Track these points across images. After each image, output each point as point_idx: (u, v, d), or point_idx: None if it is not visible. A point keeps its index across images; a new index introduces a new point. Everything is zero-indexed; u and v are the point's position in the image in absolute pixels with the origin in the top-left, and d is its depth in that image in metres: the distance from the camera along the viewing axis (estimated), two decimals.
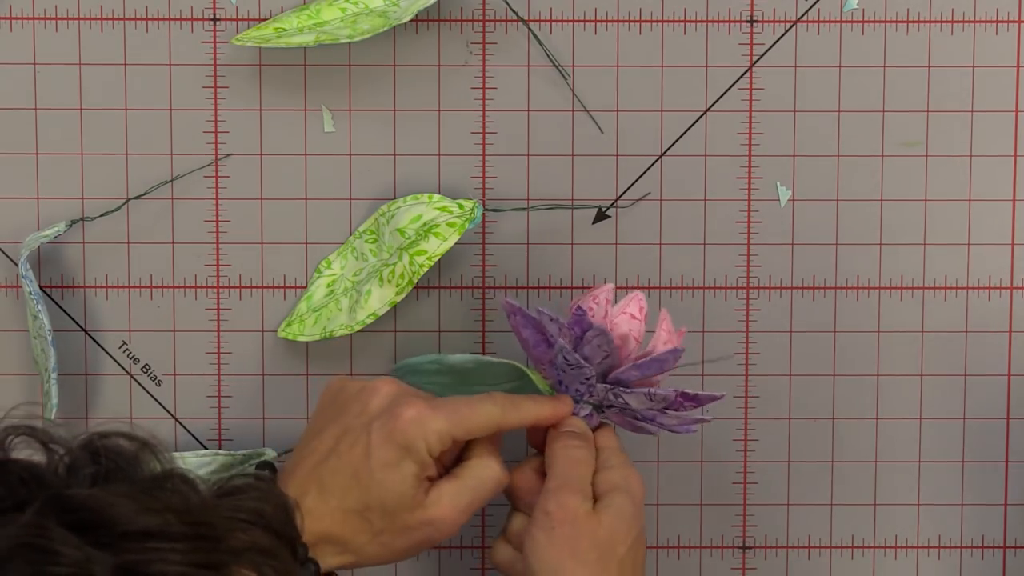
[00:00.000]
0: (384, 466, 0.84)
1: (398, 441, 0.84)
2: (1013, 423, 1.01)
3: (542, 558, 0.84)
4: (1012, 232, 1.00)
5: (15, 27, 0.98)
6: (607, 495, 0.86)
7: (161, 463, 0.69)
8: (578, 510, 0.85)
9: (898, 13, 0.98)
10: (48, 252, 0.99)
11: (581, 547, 0.84)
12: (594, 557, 0.84)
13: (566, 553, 0.84)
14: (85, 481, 0.67)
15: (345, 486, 0.84)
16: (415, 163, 0.99)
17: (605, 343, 0.87)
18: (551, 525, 0.85)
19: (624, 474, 0.88)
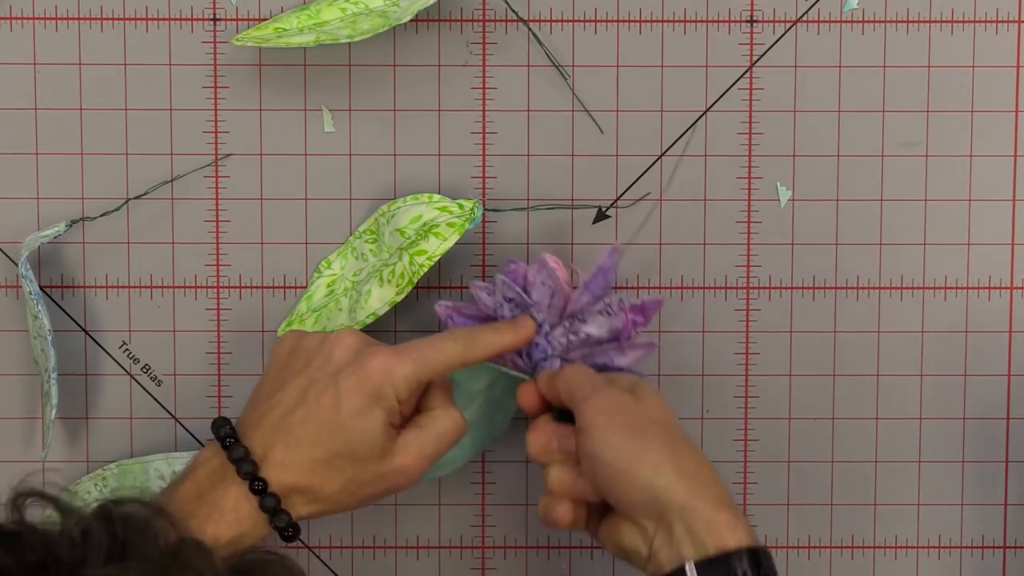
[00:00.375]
0: (354, 414, 0.85)
1: (367, 389, 0.85)
2: (1013, 423, 1.01)
3: (614, 450, 0.85)
4: (1012, 232, 1.00)
5: (15, 27, 0.98)
6: (634, 389, 0.89)
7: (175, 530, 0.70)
8: (624, 398, 0.87)
9: (898, 13, 0.98)
10: (48, 252, 0.99)
11: (644, 426, 0.85)
12: (658, 432, 0.85)
13: (635, 434, 0.85)
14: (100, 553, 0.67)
15: (314, 436, 0.85)
16: (415, 163, 0.99)
17: (548, 277, 0.91)
18: (607, 421, 0.85)
19: (625, 378, 0.90)
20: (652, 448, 0.84)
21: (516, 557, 1.01)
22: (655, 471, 0.84)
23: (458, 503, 1.01)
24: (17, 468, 1.00)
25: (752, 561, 0.82)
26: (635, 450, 0.84)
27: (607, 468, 0.85)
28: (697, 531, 0.82)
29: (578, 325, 0.92)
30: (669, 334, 1.00)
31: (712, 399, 1.00)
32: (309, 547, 1.01)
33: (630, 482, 0.84)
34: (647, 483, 0.84)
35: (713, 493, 0.84)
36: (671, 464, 0.84)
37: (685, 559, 0.82)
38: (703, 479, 0.84)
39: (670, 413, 0.88)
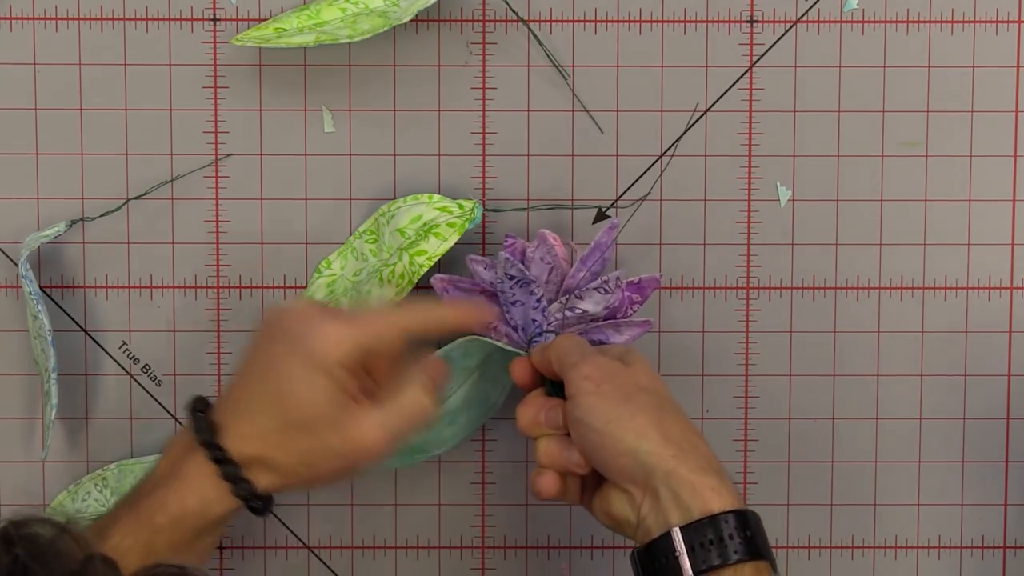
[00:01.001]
0: (299, 382, 0.85)
1: (309, 357, 0.85)
2: (1013, 423, 1.01)
3: (602, 412, 0.85)
4: (1012, 232, 1.00)
5: (15, 27, 0.98)
6: (624, 356, 0.89)
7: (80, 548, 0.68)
8: (613, 365, 0.88)
9: (898, 13, 0.98)
10: (48, 252, 0.99)
11: (630, 393, 0.86)
12: (645, 400, 0.86)
13: (621, 399, 0.86)
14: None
15: (267, 407, 0.86)
16: (415, 163, 0.99)
17: (547, 253, 0.92)
18: (594, 387, 0.86)
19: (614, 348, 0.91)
20: (638, 414, 0.85)
21: (516, 557, 1.01)
22: (639, 436, 0.84)
23: (458, 503, 1.01)
24: (17, 468, 1.00)
25: (739, 522, 0.82)
26: (621, 415, 0.85)
27: (594, 433, 0.86)
28: (682, 496, 0.83)
29: (574, 301, 0.93)
30: (669, 334, 1.00)
31: (712, 399, 1.00)
32: (309, 547, 1.01)
33: (615, 447, 0.85)
34: (632, 448, 0.84)
35: (699, 458, 0.84)
36: (656, 430, 0.85)
37: (671, 524, 0.82)
38: (689, 444, 0.85)
39: (659, 380, 0.89)
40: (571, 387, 0.87)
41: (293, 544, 1.01)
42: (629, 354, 0.90)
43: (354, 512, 1.01)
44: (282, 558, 1.01)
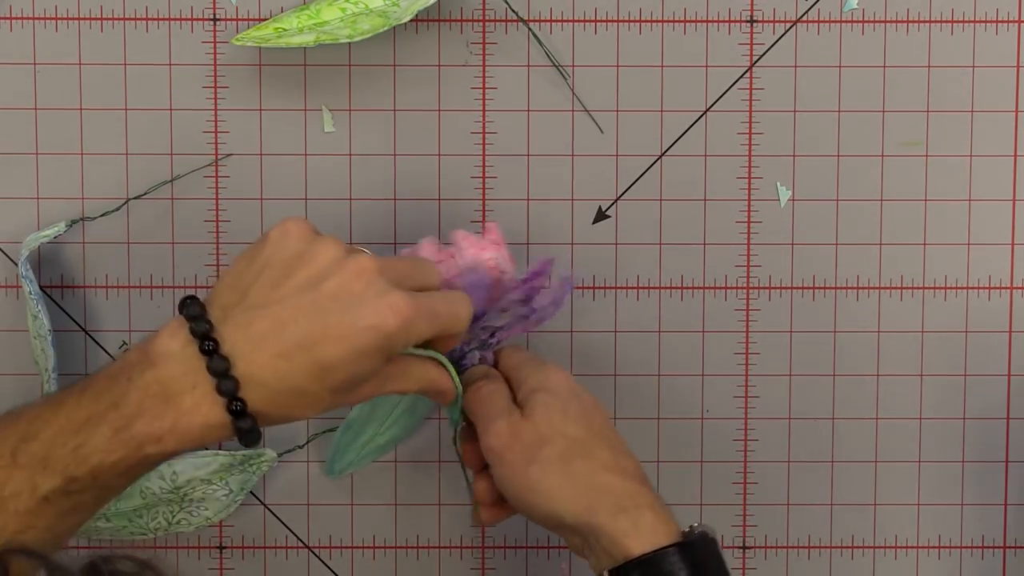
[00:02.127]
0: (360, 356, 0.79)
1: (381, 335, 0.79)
2: (1013, 423, 1.01)
3: (513, 486, 0.86)
4: (1012, 232, 1.00)
5: (15, 27, 0.98)
6: (526, 402, 0.88)
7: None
8: (511, 427, 0.87)
9: (898, 13, 0.98)
10: (48, 252, 0.99)
11: (532, 453, 0.86)
12: (549, 453, 0.86)
13: (525, 466, 0.86)
14: None
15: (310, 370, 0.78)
16: (415, 163, 0.99)
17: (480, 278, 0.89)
18: (501, 457, 0.86)
19: (538, 378, 0.89)
20: (544, 476, 0.85)
21: (516, 557, 1.01)
22: (550, 499, 0.85)
23: (458, 503, 1.01)
24: None
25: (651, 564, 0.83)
26: (528, 483, 0.86)
27: (512, 501, 0.87)
28: (604, 545, 0.84)
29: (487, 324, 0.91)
30: (669, 334, 1.00)
31: (712, 399, 1.00)
32: (309, 547, 1.01)
33: (533, 514, 0.86)
34: (547, 512, 0.86)
35: (611, 500, 0.85)
36: (564, 487, 0.85)
37: (603, 568, 0.85)
38: (599, 488, 0.85)
39: (563, 424, 0.87)
40: (484, 453, 0.88)
41: (293, 544, 1.01)
42: (532, 397, 0.88)
43: (354, 512, 1.01)
44: (282, 558, 1.01)
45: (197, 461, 0.97)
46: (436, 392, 0.87)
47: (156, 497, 0.96)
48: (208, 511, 0.98)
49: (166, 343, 0.79)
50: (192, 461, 0.97)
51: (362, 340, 0.79)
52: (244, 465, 0.97)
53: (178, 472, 0.96)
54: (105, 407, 0.79)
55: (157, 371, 0.79)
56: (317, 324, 0.79)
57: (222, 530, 1.00)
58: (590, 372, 0.99)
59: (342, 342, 0.79)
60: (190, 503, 0.97)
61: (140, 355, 0.80)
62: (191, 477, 0.96)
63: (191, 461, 0.97)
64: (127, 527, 0.97)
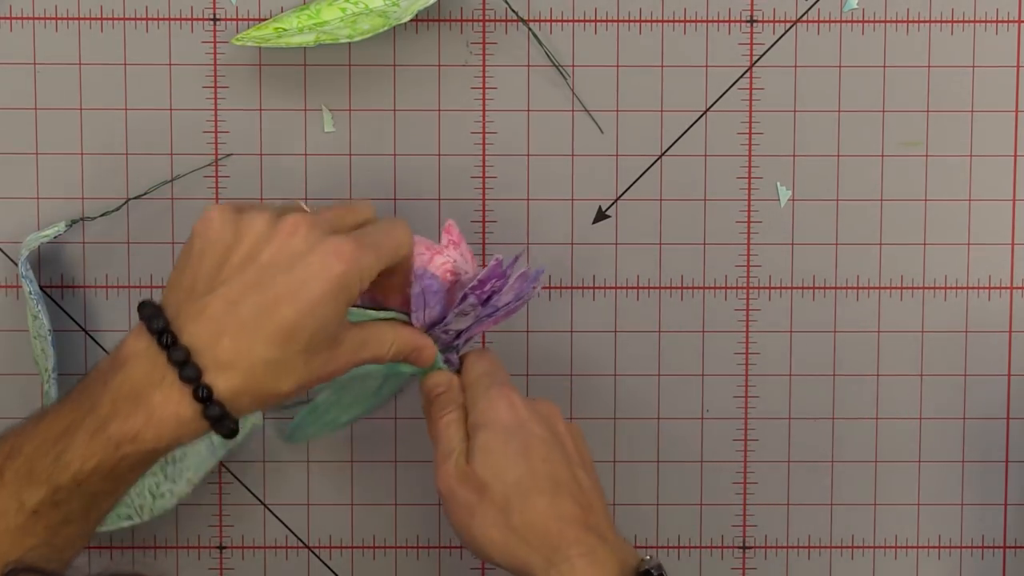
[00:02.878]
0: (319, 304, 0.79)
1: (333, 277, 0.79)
2: (1013, 423, 1.01)
3: (459, 532, 0.86)
4: (1012, 232, 1.00)
5: (15, 27, 0.98)
6: (471, 439, 0.87)
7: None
8: (456, 470, 0.86)
9: (898, 13, 0.98)
10: (48, 252, 0.99)
11: (473, 500, 0.86)
12: (488, 501, 0.85)
13: (467, 515, 0.86)
14: None
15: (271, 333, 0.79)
16: (415, 163, 0.99)
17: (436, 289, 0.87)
18: (447, 501, 0.86)
19: (481, 408, 0.88)
20: (482, 531, 0.85)
21: None
22: (489, 552, 0.86)
23: None
24: None
25: None
26: (469, 535, 0.86)
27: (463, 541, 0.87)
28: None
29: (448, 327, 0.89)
30: (669, 334, 1.00)
31: (712, 399, 1.00)
32: (309, 547, 1.01)
33: (481, 554, 0.87)
34: (493, 560, 0.86)
35: (543, 555, 0.84)
36: (499, 541, 0.85)
37: None
38: (533, 540, 0.85)
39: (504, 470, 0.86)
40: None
41: (293, 544, 1.01)
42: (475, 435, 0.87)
43: (354, 512, 1.01)
44: (282, 558, 1.01)
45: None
46: (414, 351, 0.86)
47: None
48: (189, 471, 0.97)
49: (132, 344, 0.80)
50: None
51: (314, 290, 0.79)
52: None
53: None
54: (82, 413, 0.80)
55: (126, 371, 0.79)
56: (267, 292, 0.79)
57: (222, 530, 1.00)
58: (590, 372, 0.99)
59: (294, 299, 0.79)
60: (172, 464, 0.97)
61: (111, 360, 0.81)
62: None
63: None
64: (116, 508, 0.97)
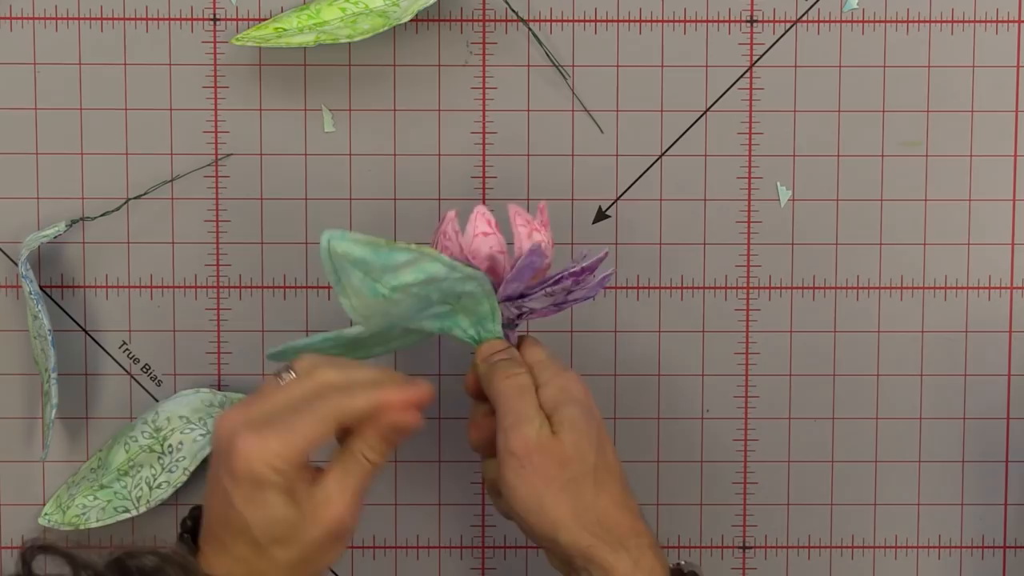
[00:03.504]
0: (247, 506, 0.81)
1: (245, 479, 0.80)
2: (1013, 423, 1.01)
3: (522, 498, 0.85)
4: (1012, 232, 1.00)
5: (15, 27, 0.98)
6: (556, 412, 0.86)
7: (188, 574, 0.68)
8: (539, 438, 0.85)
9: (898, 13, 0.98)
10: (48, 252, 0.99)
11: (552, 473, 0.84)
12: (568, 477, 0.84)
13: (541, 485, 0.84)
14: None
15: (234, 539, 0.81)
16: (415, 163, 0.99)
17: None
18: (519, 464, 0.84)
19: (561, 384, 0.87)
20: (557, 502, 0.84)
21: (516, 557, 1.01)
22: (556, 527, 0.84)
23: (458, 503, 1.01)
24: (17, 468, 1.00)
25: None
26: (540, 505, 0.84)
27: (515, 516, 0.86)
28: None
29: (522, 303, 0.88)
30: (669, 334, 1.00)
31: (712, 399, 1.00)
32: None
33: (534, 533, 0.86)
34: (550, 537, 0.85)
35: (615, 537, 0.84)
36: (574, 516, 0.84)
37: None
38: (606, 523, 0.85)
39: (588, 449, 0.85)
40: (499, 454, 0.85)
41: None
42: (565, 408, 0.86)
43: None
44: None
45: (179, 399, 0.98)
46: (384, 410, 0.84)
47: (138, 447, 0.97)
48: (185, 460, 0.97)
49: None
50: (175, 400, 0.98)
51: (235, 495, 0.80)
52: (223, 407, 0.97)
53: (159, 411, 0.97)
54: None
55: None
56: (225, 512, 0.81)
57: None
58: (590, 372, 0.99)
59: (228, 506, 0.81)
60: (168, 453, 0.97)
61: None
62: (171, 414, 0.97)
63: (174, 400, 0.98)
64: (112, 501, 0.97)
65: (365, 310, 0.86)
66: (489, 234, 0.87)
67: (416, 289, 0.85)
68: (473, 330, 0.88)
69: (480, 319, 0.88)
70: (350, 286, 0.85)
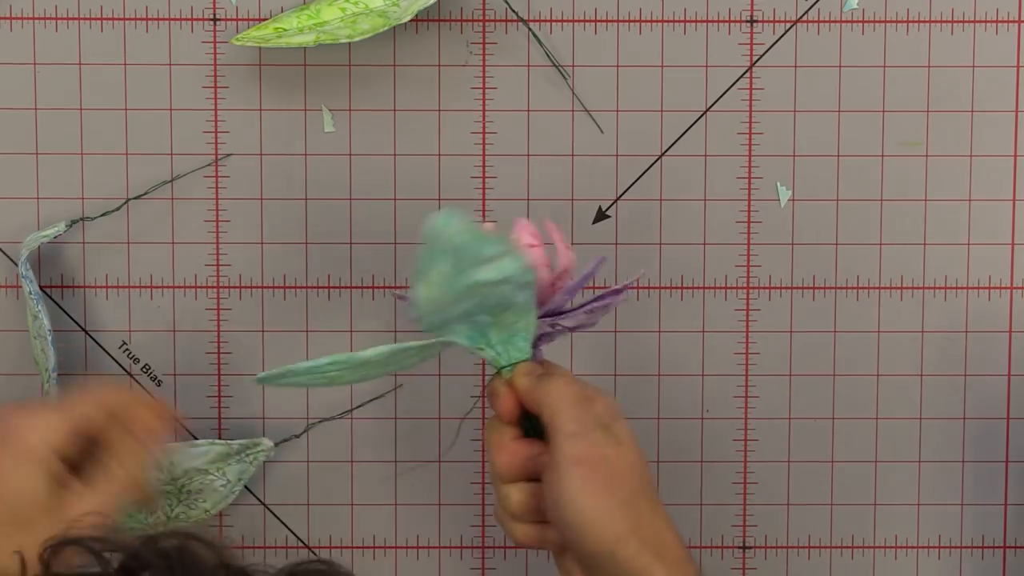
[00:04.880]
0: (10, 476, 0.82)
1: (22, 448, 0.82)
2: (1013, 423, 1.01)
3: (584, 510, 0.80)
4: (1012, 232, 1.00)
5: (15, 27, 0.98)
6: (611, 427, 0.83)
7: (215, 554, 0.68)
8: (608, 447, 0.81)
9: (898, 13, 0.98)
10: (48, 252, 0.99)
11: (616, 485, 0.81)
12: (629, 491, 0.81)
13: (606, 496, 0.81)
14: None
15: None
16: (415, 163, 0.99)
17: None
18: (587, 472, 0.81)
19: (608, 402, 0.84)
20: (619, 517, 0.81)
21: (516, 557, 1.01)
22: (616, 540, 0.81)
23: (458, 503, 1.01)
24: None
25: None
26: (602, 516, 0.81)
27: (572, 528, 0.81)
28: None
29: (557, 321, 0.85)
30: (669, 334, 1.00)
31: (712, 399, 1.00)
32: (309, 547, 1.01)
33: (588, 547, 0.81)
34: (608, 550, 0.81)
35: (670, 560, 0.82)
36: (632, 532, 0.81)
37: None
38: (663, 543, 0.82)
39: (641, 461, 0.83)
40: (559, 460, 0.81)
41: (293, 544, 1.01)
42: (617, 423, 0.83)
43: (354, 512, 1.01)
44: (282, 558, 1.01)
45: (193, 451, 0.97)
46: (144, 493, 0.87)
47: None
48: (207, 503, 0.98)
49: None
50: (188, 451, 0.97)
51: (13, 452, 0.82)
52: (241, 455, 0.97)
53: (174, 463, 0.96)
54: None
55: None
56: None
57: (222, 530, 1.00)
58: (590, 372, 0.99)
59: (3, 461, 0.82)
60: (188, 495, 0.97)
61: None
62: (188, 467, 0.96)
63: (187, 451, 0.97)
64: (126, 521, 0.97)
65: (433, 304, 0.82)
66: (535, 246, 0.84)
67: (484, 290, 0.81)
68: (501, 347, 0.84)
69: (512, 336, 0.84)
70: (437, 274, 0.81)
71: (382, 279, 0.99)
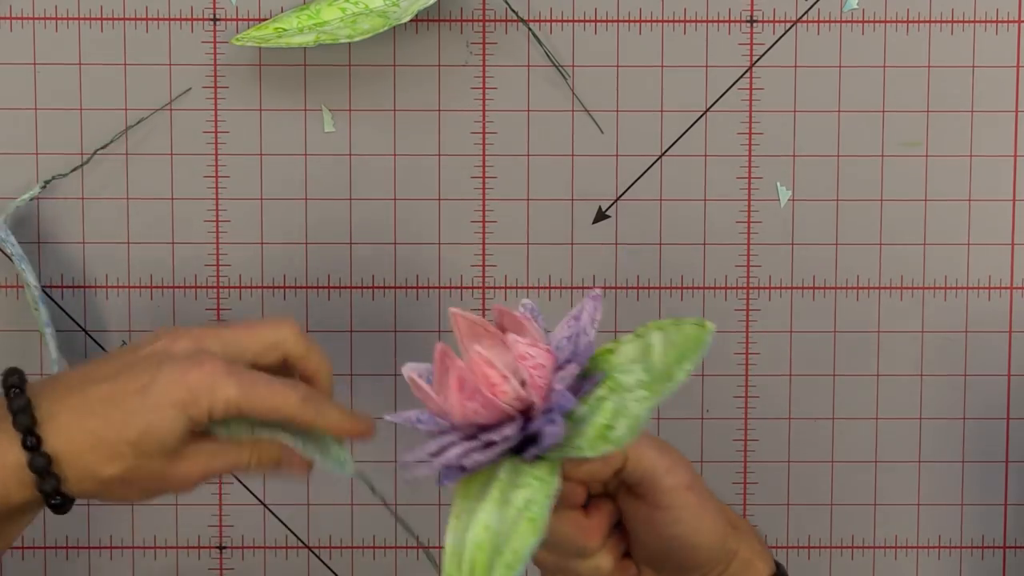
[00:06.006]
0: (158, 409, 0.79)
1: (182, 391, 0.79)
2: (1013, 423, 1.01)
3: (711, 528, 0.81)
4: (1012, 232, 1.00)
5: (15, 27, 0.98)
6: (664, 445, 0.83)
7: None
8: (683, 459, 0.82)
9: (898, 13, 0.98)
10: (48, 251, 0.99)
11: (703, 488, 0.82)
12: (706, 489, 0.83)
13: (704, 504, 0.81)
14: None
15: (109, 414, 0.79)
16: (415, 163, 0.99)
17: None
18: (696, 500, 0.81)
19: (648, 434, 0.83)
20: (717, 515, 0.83)
21: None
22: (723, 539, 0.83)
23: None
24: None
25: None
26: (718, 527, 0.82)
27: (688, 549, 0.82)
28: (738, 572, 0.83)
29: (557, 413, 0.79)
30: None
31: (712, 399, 1.00)
32: (309, 547, 1.01)
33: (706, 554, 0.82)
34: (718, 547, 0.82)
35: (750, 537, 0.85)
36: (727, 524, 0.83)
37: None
38: (742, 526, 0.85)
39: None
40: (668, 498, 0.80)
41: (293, 544, 1.01)
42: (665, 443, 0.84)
43: (354, 512, 1.01)
44: (282, 558, 1.01)
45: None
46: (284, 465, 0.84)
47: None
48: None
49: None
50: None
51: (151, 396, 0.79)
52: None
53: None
54: None
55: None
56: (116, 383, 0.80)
57: (222, 530, 1.00)
58: None
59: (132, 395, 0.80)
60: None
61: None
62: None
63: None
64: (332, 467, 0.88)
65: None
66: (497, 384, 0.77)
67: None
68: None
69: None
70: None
71: (382, 279, 0.99)
